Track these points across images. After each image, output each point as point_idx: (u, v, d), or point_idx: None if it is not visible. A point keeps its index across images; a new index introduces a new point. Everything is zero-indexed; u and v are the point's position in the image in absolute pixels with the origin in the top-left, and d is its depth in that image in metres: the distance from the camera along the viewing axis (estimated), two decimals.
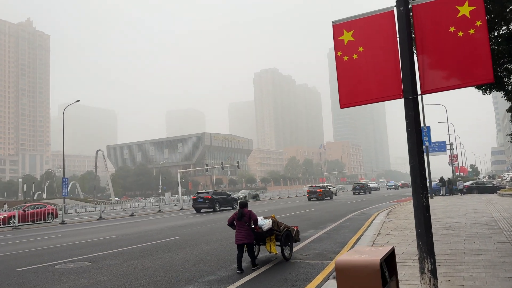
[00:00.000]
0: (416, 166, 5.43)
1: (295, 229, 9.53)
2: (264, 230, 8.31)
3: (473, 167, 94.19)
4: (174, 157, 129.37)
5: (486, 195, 31.51)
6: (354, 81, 6.02)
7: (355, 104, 6.08)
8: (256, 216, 8.16)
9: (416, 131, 5.48)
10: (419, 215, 5.40)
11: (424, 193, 5.36)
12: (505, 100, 13.54)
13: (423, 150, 5.53)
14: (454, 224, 12.58)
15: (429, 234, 5.33)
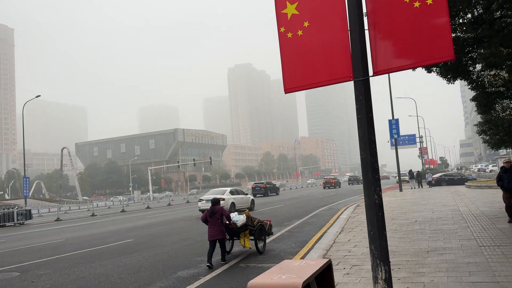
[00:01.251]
0: (367, 158, 4.70)
1: (268, 223, 9.74)
2: (238, 226, 8.54)
3: (443, 159, 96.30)
4: (146, 154, 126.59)
5: (454, 187, 31.72)
6: (300, 61, 5.22)
7: (301, 88, 5.28)
8: (227, 212, 8.45)
9: (367, 118, 4.74)
10: (371, 215, 4.68)
11: (376, 190, 4.64)
12: (469, 89, 13.16)
13: (375, 139, 4.79)
14: (420, 218, 12.10)
15: (383, 237, 4.61)
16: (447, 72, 12.30)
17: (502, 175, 9.90)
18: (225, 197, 21.54)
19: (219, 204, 8.38)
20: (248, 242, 8.91)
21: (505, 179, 9.75)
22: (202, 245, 10.91)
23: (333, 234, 10.54)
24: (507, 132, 11.97)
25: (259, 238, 9.10)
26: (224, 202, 20.61)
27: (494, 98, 12.13)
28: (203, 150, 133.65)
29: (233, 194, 22.81)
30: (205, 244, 10.98)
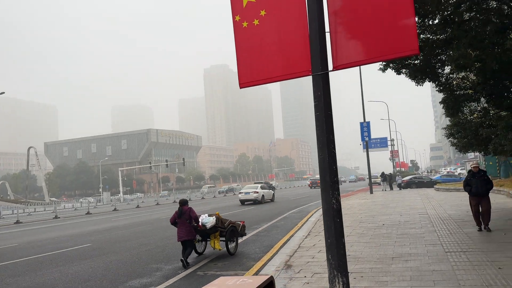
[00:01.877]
0: (326, 159, 4.31)
1: (241, 224, 9.72)
2: (207, 228, 8.44)
3: (413, 162, 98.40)
4: (117, 155, 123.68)
5: (423, 189, 32.12)
6: (256, 53, 4.79)
7: (256, 83, 4.85)
8: (195, 213, 8.39)
9: (325, 116, 4.36)
10: (329, 222, 4.28)
11: (334, 194, 4.25)
12: (437, 91, 13.10)
13: (333, 139, 4.41)
14: (388, 222, 11.91)
15: (341, 245, 4.23)
16: (415, 74, 12.19)
17: (470, 179, 9.22)
18: (258, 190, 27.79)
19: (187, 205, 8.42)
20: (218, 244, 8.82)
21: (473, 184, 9.08)
22: (163, 250, 10.34)
23: (299, 238, 10.18)
24: (475, 135, 11.93)
25: (230, 240, 9.03)
26: (257, 194, 27.52)
27: (462, 100, 12.08)
28: (177, 151, 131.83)
29: (263, 189, 28.97)
30: (165, 250, 10.42)
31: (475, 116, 12.99)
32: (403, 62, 12.96)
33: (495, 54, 9.02)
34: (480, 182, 9.01)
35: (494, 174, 28.45)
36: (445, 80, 12.99)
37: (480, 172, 9.20)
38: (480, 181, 9.01)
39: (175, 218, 8.25)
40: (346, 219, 13.31)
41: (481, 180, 9.03)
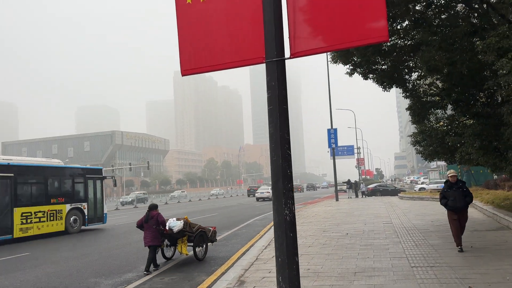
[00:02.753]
0: (279, 162, 3.61)
1: (212, 230, 9.47)
2: (174, 232, 8.15)
3: (379, 170, 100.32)
4: (80, 157, 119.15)
5: (388, 197, 32.29)
6: (200, 35, 4.03)
7: (202, 70, 4.08)
8: (163, 218, 8.17)
9: (280, 110, 3.67)
10: (281, 237, 3.59)
11: (288, 203, 3.55)
12: (403, 97, 12.83)
13: (289, 138, 3.71)
14: (352, 231, 11.42)
15: (294, 265, 3.53)
16: (382, 79, 11.85)
17: (446, 191, 7.93)
18: (269, 191, 31.07)
19: (156, 209, 8.22)
20: (185, 249, 8.54)
21: (450, 196, 7.77)
22: (105, 261, 9.37)
23: (259, 248, 9.47)
24: (441, 143, 11.67)
25: (198, 245, 8.78)
26: (269, 193, 31.62)
27: (429, 107, 11.83)
28: (143, 154, 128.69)
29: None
30: (108, 260, 9.45)
31: (441, 124, 12.78)
32: (371, 67, 12.61)
33: (464, 58, 8.72)
34: (458, 194, 7.73)
35: None
36: (412, 86, 12.74)
37: (458, 183, 7.95)
38: (458, 193, 7.75)
39: (142, 222, 8.07)
40: (310, 228, 12.76)
41: (459, 192, 7.77)
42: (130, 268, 8.50)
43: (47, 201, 15.42)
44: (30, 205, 14.66)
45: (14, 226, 13.85)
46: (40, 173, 15.66)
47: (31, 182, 15.18)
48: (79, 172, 17.81)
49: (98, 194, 18.11)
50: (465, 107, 10.51)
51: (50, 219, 15.34)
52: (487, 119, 9.75)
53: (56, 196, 15.92)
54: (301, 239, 10.35)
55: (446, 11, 10.46)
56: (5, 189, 13.96)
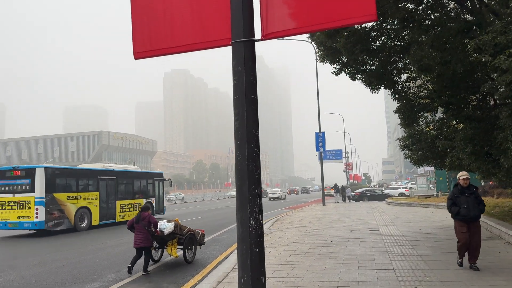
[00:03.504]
0: (244, 162, 3.04)
1: (201, 233, 9.43)
2: (165, 234, 8.12)
3: (366, 175, 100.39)
4: (66, 156, 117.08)
5: (375, 202, 31.93)
6: (158, 13, 3.44)
7: (158, 53, 3.48)
8: (155, 219, 8.09)
9: (247, 100, 3.10)
10: (245, 253, 3.00)
11: (254, 212, 2.98)
12: (392, 98, 12.37)
13: (257, 134, 3.14)
14: (337, 238, 10.88)
15: (260, 286, 2.98)
16: (370, 79, 11.37)
17: (458, 196, 6.61)
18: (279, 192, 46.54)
19: (147, 210, 8.05)
20: (175, 251, 8.47)
21: (463, 203, 6.48)
22: (74, 268, 8.67)
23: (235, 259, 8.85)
24: (430, 147, 11.23)
25: (187, 248, 8.76)
26: (280, 194, 45.88)
27: (418, 110, 11.38)
28: (130, 155, 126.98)
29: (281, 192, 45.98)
30: (77, 268, 8.75)
31: (431, 128, 12.34)
32: (359, 67, 12.13)
33: (458, 56, 8.25)
34: (471, 201, 6.48)
35: (444, 190, 28.66)
36: (401, 88, 12.30)
37: (470, 188, 6.68)
38: (471, 200, 6.50)
39: (132, 223, 7.92)
40: (294, 234, 12.19)
41: (472, 198, 6.53)
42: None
43: (133, 196, 20.81)
44: (124, 199, 20.04)
45: (116, 213, 19.28)
46: (129, 176, 21.16)
47: (125, 183, 20.49)
48: (149, 175, 23.38)
49: (160, 192, 23.55)
50: (456, 110, 10.06)
51: (135, 209, 20.10)
52: (479, 122, 9.32)
53: (137, 193, 21.30)
54: (282, 247, 9.78)
55: (437, 10, 10.03)
56: (112, 187, 19.31)
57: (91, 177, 18.52)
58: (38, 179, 15.58)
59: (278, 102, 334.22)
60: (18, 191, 15.72)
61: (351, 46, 9.87)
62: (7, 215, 15.58)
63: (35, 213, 15.15)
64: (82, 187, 17.77)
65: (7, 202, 15.67)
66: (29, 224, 15.21)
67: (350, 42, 9.77)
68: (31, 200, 15.37)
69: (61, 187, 16.58)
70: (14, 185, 15.88)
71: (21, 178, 15.96)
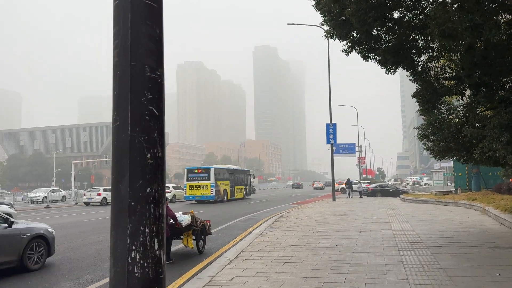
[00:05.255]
0: (125, 130, 1.50)
1: (208, 223, 9.71)
2: (183, 226, 8.49)
3: (380, 170, 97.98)
4: (77, 147, 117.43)
5: (389, 199, 30.21)
6: None
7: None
8: (172, 212, 8.37)
9: (136, 7, 1.57)
10: None
11: (143, 234, 1.48)
12: (410, 80, 10.71)
13: (157, 78, 1.58)
14: (343, 241, 9.37)
15: None
16: (386, 57, 9.74)
17: None
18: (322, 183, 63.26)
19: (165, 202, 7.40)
20: (191, 242, 8.81)
21: None
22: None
23: (221, 264, 7.43)
24: (454, 137, 9.57)
25: (200, 238, 9.10)
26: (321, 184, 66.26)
27: (442, 93, 9.72)
28: None
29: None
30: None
31: (454, 116, 10.68)
32: (372, 45, 10.52)
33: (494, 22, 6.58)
34: None
35: (463, 186, 26.78)
36: (421, 69, 10.65)
37: None
38: None
39: None
40: (295, 235, 10.72)
41: None
42: None
43: (240, 184, 34.74)
44: (237, 185, 33.85)
45: (234, 193, 33.06)
46: (238, 172, 35.58)
47: (236, 176, 34.40)
48: (245, 171, 38.05)
49: (249, 182, 37.94)
50: (489, 92, 8.40)
51: (241, 191, 34.77)
52: None
53: (241, 182, 35.32)
54: (278, 251, 8.33)
55: None
56: (231, 178, 32.50)
57: (226, 172, 32.78)
58: (212, 173, 29.68)
59: (292, 95, 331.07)
60: (200, 180, 29.67)
61: (362, 14, 8.28)
62: (195, 192, 29.65)
63: (211, 191, 29.20)
64: (224, 177, 31.80)
65: (194, 186, 29.62)
66: (207, 197, 29.25)
67: (361, 9, 8.18)
68: (208, 185, 29.29)
69: (218, 178, 30.51)
70: (198, 176, 29.84)
71: (202, 173, 29.97)
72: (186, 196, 30.37)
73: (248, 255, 8.03)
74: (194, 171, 30.72)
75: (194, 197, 29.83)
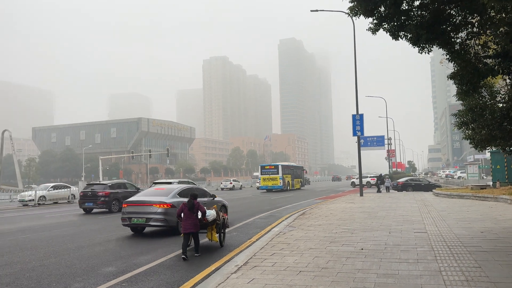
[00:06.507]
0: None
1: (226, 217, 9.75)
2: (209, 220, 8.61)
3: (411, 163, 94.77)
4: (107, 143, 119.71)
5: (421, 193, 28.56)
6: None
7: None
8: (204, 208, 8.49)
9: None
10: None
11: None
12: (446, 59, 9.40)
13: None
14: (369, 244, 8.27)
15: None
16: (419, 33, 8.49)
17: None
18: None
19: (196, 199, 8.40)
20: (216, 236, 8.97)
21: None
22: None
23: (228, 271, 6.51)
24: (499, 124, 8.27)
25: (220, 232, 9.28)
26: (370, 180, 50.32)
27: (483, 74, 8.41)
28: (169, 141, 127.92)
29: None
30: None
31: (497, 100, 9.32)
32: (401, 21, 9.29)
33: None
34: None
35: (502, 180, 24.84)
36: (459, 47, 9.32)
37: None
38: None
39: (182, 210, 8.29)
40: (316, 235, 9.69)
41: None
42: None
43: (297, 177, 44.31)
44: (295, 178, 43.51)
45: (294, 184, 42.83)
46: (296, 168, 46.39)
47: (295, 170, 44.49)
48: (300, 167, 48.68)
49: (303, 175, 49.02)
50: None
51: (298, 184, 44.41)
52: None
53: (297, 175, 44.86)
54: (294, 256, 7.33)
55: None
56: (291, 173, 42.42)
57: (288, 168, 42.26)
58: (280, 169, 39.02)
59: (319, 88, 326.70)
60: (271, 173, 38.96)
61: None
62: (267, 183, 39.07)
63: (280, 182, 38.47)
64: (287, 172, 40.96)
65: (267, 178, 38.98)
66: (276, 186, 38.71)
67: None
68: (277, 178, 38.61)
69: (284, 172, 39.56)
70: (269, 171, 39.17)
71: (272, 169, 39.35)
72: (261, 186, 40.01)
73: (259, 261, 7.08)
74: (265, 167, 40.52)
75: (266, 187, 39.20)
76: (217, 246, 9.34)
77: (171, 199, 11.13)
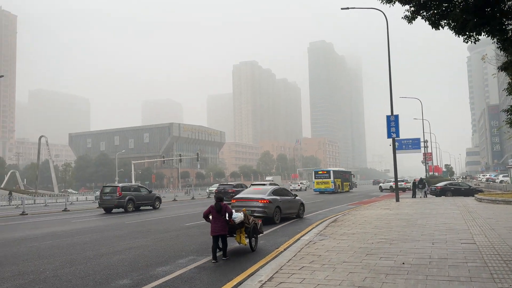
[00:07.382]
0: None
1: (260, 222, 9.70)
2: (236, 223, 8.62)
3: (448, 167, 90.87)
4: (140, 148, 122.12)
5: (461, 198, 26.85)
6: None
7: None
8: (231, 209, 8.53)
9: None
10: None
11: None
12: (498, 47, 8.34)
13: None
14: (411, 257, 7.34)
15: None
16: (465, 18, 7.52)
17: None
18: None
19: (222, 201, 8.36)
20: (244, 239, 8.93)
21: None
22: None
23: (253, 287, 5.81)
24: None
25: (252, 236, 9.22)
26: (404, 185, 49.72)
27: None
28: (200, 146, 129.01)
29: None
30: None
31: None
32: (443, 8, 8.35)
33: None
34: None
35: None
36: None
37: None
38: None
39: (209, 212, 8.32)
40: (350, 245, 8.84)
41: None
42: None
43: (345, 181, 49.52)
44: (344, 182, 48.62)
45: (343, 187, 47.93)
46: (344, 172, 51.58)
47: (343, 175, 49.52)
48: (348, 172, 54.69)
49: (351, 179, 54.59)
50: None
51: (346, 187, 49.40)
52: None
53: (347, 179, 50.84)
54: (325, 271, 6.53)
55: None
56: (341, 177, 48.15)
57: (338, 173, 47.16)
58: (331, 174, 44.56)
59: (349, 91, 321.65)
60: (324, 178, 44.62)
61: None
62: (320, 186, 44.46)
63: (331, 185, 43.81)
64: (337, 176, 45.65)
65: (320, 182, 44.63)
66: (329, 189, 43.84)
67: None
68: (329, 181, 44.04)
69: (335, 176, 44.63)
70: (322, 176, 44.78)
71: (324, 174, 45.07)
72: (315, 189, 45.20)
73: (286, 276, 6.32)
74: (319, 172, 46.26)
75: (320, 190, 44.37)
76: (246, 250, 9.08)
77: (268, 196, 14.87)
